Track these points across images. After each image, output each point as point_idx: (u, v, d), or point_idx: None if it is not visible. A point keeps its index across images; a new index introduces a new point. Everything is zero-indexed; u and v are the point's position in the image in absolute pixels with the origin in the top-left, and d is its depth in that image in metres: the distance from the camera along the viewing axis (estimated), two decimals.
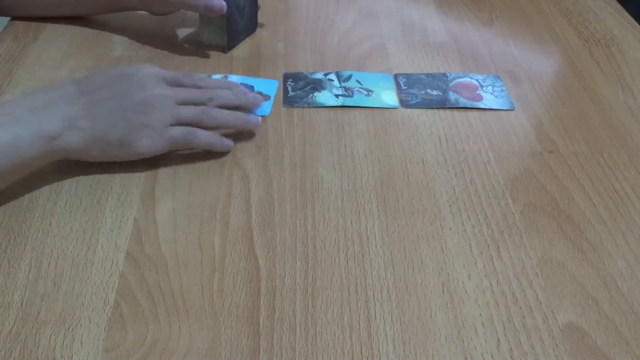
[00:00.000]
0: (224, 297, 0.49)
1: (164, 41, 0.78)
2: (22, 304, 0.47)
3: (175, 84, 0.60)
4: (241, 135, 0.64)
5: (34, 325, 0.46)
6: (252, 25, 0.80)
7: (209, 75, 0.71)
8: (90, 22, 0.80)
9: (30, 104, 0.54)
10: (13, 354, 0.44)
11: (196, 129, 0.59)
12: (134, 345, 0.45)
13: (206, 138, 0.59)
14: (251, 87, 0.72)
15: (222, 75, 0.73)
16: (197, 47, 0.76)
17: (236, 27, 0.75)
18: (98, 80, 0.58)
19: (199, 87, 0.62)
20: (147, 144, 0.57)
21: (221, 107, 0.61)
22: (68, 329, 0.46)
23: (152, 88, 0.57)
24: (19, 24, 0.79)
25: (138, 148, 0.57)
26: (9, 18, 0.81)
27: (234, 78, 0.73)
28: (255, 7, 0.79)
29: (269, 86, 0.72)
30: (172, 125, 0.58)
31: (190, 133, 0.58)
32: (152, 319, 0.47)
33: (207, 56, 0.76)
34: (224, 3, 0.71)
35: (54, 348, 0.45)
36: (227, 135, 0.62)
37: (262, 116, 0.66)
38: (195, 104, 0.60)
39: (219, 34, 0.75)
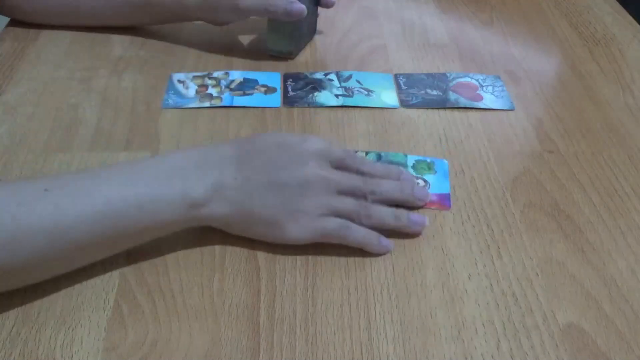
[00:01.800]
0: (224, 297, 0.49)
1: (163, 41, 0.78)
2: (22, 304, 0.47)
3: (340, 165, 0.54)
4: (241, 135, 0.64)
5: (34, 325, 0.46)
6: (312, 30, 0.80)
7: (375, 157, 0.62)
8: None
9: (184, 163, 0.51)
10: (13, 354, 0.44)
11: (352, 224, 0.52)
12: (134, 345, 0.45)
13: (361, 236, 0.52)
14: (255, 81, 0.72)
15: (223, 72, 0.73)
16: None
17: (301, 32, 0.76)
18: (259, 146, 0.53)
19: (361, 172, 0.55)
20: (297, 231, 0.51)
21: (383, 201, 0.54)
22: (68, 329, 0.46)
23: (314, 167, 0.52)
24: (19, 23, 0.79)
25: (286, 233, 0.51)
26: (9, 18, 0.81)
27: (236, 74, 0.73)
28: (316, 11, 0.79)
29: (272, 79, 0.73)
30: (326, 215, 0.51)
31: (345, 228, 0.51)
32: (152, 319, 0.47)
33: (208, 55, 0.76)
34: (304, 7, 0.70)
35: (54, 348, 0.45)
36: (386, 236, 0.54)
37: (273, 108, 0.67)
38: (355, 193, 0.53)
39: (287, 41, 0.74)
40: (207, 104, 0.68)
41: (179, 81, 0.72)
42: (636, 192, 0.60)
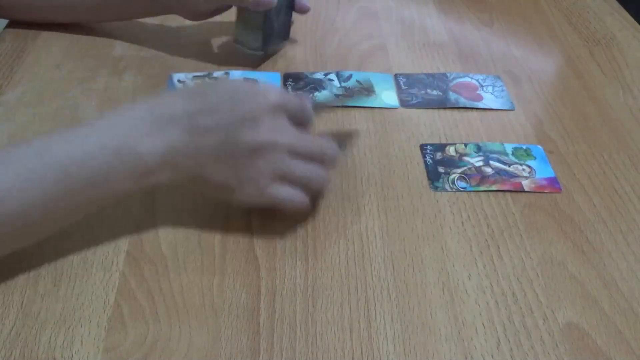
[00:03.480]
0: (224, 297, 0.49)
1: (163, 41, 0.78)
2: (22, 304, 0.47)
3: (296, 115, 0.53)
4: None
5: (34, 325, 0.46)
6: (285, 32, 0.79)
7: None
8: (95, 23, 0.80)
9: (131, 127, 0.49)
10: (13, 354, 0.44)
11: (299, 193, 0.52)
12: (134, 345, 0.45)
13: (306, 202, 0.53)
14: (254, 81, 0.72)
15: (223, 72, 0.73)
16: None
17: (272, 31, 0.75)
18: (211, 101, 0.51)
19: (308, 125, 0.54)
20: (248, 195, 0.51)
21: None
22: (68, 329, 0.46)
23: (268, 130, 0.50)
24: (19, 24, 0.79)
25: (238, 197, 0.51)
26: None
27: (236, 74, 0.73)
28: (290, 16, 0.78)
29: (272, 79, 0.73)
30: (276, 180, 0.51)
31: (293, 198, 0.52)
32: (152, 319, 0.47)
33: (208, 55, 0.76)
34: None
35: (54, 348, 0.45)
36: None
37: None
38: (306, 158, 0.52)
39: (255, 35, 0.73)
40: None
41: (179, 81, 0.72)
42: (636, 192, 0.60)
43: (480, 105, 0.70)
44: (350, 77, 0.74)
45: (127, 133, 0.49)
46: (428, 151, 0.63)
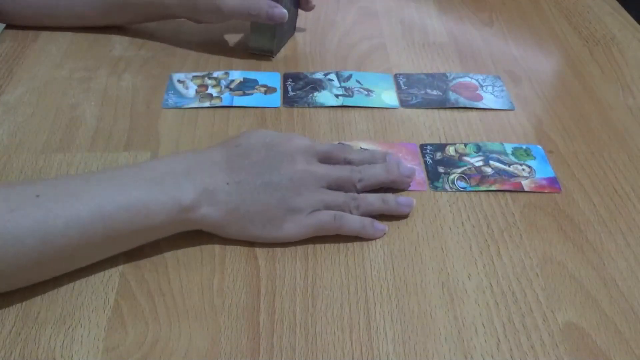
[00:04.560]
0: (224, 297, 0.49)
1: (163, 41, 0.78)
2: (22, 304, 0.47)
3: (326, 158, 0.55)
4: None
5: (34, 325, 0.46)
6: (292, 28, 0.81)
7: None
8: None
9: (174, 168, 0.51)
10: (13, 354, 0.44)
11: (345, 214, 0.53)
12: (134, 345, 0.45)
13: (356, 223, 0.53)
14: (255, 81, 0.72)
15: (223, 72, 0.73)
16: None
17: (282, 31, 0.76)
18: (246, 149, 0.53)
19: (349, 161, 0.56)
20: (294, 228, 0.52)
21: (372, 185, 0.56)
22: (68, 329, 0.46)
23: (302, 164, 0.53)
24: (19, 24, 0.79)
25: (283, 232, 0.52)
26: None
27: (235, 74, 0.73)
28: (296, 11, 0.79)
29: (272, 79, 0.73)
30: (318, 209, 0.52)
31: (339, 218, 0.52)
32: (152, 319, 0.47)
33: (208, 55, 0.76)
34: (285, 12, 0.71)
35: (54, 348, 0.45)
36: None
37: (273, 108, 0.68)
38: (344, 183, 0.55)
39: (268, 40, 0.75)
40: (207, 104, 0.68)
41: (179, 81, 0.72)
42: (636, 192, 0.60)
43: (480, 105, 0.70)
44: (350, 77, 0.74)
45: (167, 170, 0.50)
46: (428, 151, 0.63)
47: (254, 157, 0.53)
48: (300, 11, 0.80)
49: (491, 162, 0.62)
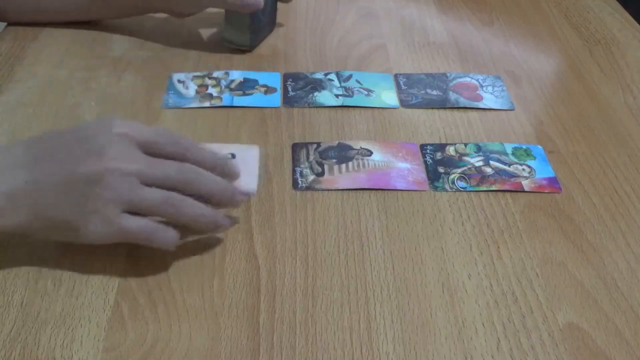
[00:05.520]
0: (224, 297, 0.49)
1: (163, 41, 0.78)
2: (22, 304, 0.47)
3: (152, 149, 0.47)
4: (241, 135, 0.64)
5: (34, 325, 0.46)
6: (272, 23, 0.80)
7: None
8: (91, 22, 0.80)
9: None
10: (13, 354, 0.44)
11: (158, 226, 0.47)
12: (134, 345, 0.45)
13: (172, 237, 0.47)
14: (255, 81, 0.72)
15: (223, 72, 0.73)
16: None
17: (259, 25, 0.76)
18: (56, 141, 0.47)
19: (182, 153, 0.48)
20: (96, 232, 0.46)
21: (200, 194, 0.48)
22: (68, 329, 0.46)
23: (112, 157, 0.45)
24: (19, 23, 0.79)
25: (84, 236, 0.46)
26: None
27: (236, 74, 0.73)
28: (275, 5, 0.79)
29: (272, 79, 0.73)
30: (127, 211, 0.46)
31: (150, 229, 0.46)
32: (152, 319, 0.47)
33: (208, 55, 0.76)
34: (261, 0, 0.71)
35: (54, 348, 0.45)
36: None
37: (273, 108, 0.68)
38: (164, 184, 0.47)
39: (243, 32, 0.75)
40: (207, 104, 0.68)
41: (179, 81, 0.72)
42: (636, 192, 0.60)
43: (480, 105, 0.70)
44: (350, 77, 0.74)
45: None
46: (428, 151, 0.63)
47: (62, 151, 0.46)
48: (300, 11, 0.80)
49: (491, 162, 0.62)
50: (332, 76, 0.74)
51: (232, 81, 0.72)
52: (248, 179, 0.52)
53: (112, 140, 0.46)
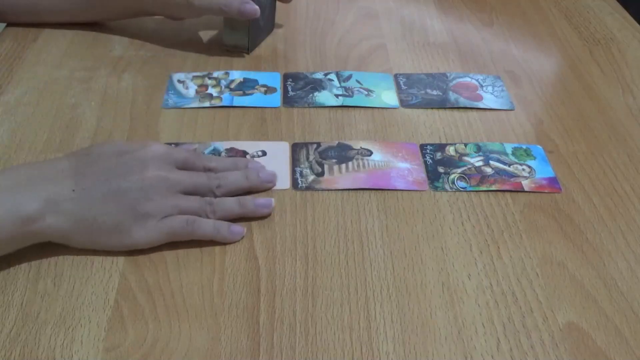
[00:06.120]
0: (224, 297, 0.49)
1: (163, 41, 0.78)
2: (22, 304, 0.47)
3: (184, 166, 0.54)
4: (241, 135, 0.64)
5: (34, 325, 0.46)
6: (270, 24, 0.81)
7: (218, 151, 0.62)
8: (91, 22, 0.80)
9: (13, 179, 0.49)
10: (13, 354, 0.44)
11: (198, 218, 0.52)
12: (134, 345, 0.45)
13: (210, 228, 0.52)
14: (255, 81, 0.72)
15: (223, 72, 0.73)
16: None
17: (257, 28, 0.76)
18: (96, 156, 0.52)
19: (209, 169, 0.56)
20: (144, 234, 0.50)
21: (231, 192, 0.55)
22: (68, 329, 0.46)
23: (155, 170, 0.51)
24: (19, 24, 0.79)
25: (132, 238, 0.50)
26: None
27: (236, 74, 0.73)
28: (274, 7, 0.80)
29: (272, 79, 0.73)
30: (171, 215, 0.51)
31: (191, 223, 0.51)
32: (152, 319, 0.47)
33: (208, 55, 0.76)
34: (257, 7, 0.71)
35: (54, 348, 0.45)
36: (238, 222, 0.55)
37: (273, 108, 0.68)
38: (199, 190, 0.54)
39: (242, 36, 0.75)
40: (207, 104, 0.68)
41: (179, 81, 0.72)
42: (636, 192, 0.60)
43: (480, 105, 0.70)
44: (350, 77, 0.74)
45: (6, 184, 0.48)
46: (428, 151, 0.63)
47: (104, 164, 0.51)
48: (300, 11, 0.80)
49: (491, 162, 0.62)
50: (332, 76, 0.74)
51: (232, 81, 0.72)
52: (280, 173, 0.59)
53: (153, 156, 0.52)
